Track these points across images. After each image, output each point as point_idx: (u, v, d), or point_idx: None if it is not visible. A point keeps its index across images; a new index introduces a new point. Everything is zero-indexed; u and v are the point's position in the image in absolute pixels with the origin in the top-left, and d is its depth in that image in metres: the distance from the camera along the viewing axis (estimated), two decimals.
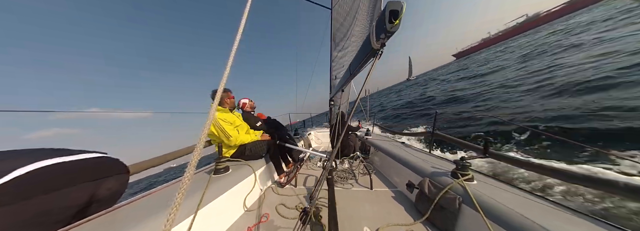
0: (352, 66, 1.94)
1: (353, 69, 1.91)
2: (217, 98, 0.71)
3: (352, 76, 2.09)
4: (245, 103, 3.14)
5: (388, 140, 3.58)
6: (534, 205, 1.19)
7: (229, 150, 2.37)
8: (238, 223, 1.80)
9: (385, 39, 1.06)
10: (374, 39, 1.11)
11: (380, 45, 1.11)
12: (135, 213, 1.25)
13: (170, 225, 0.54)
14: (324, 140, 5.74)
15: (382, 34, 1.02)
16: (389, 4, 0.92)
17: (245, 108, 3.13)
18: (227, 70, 0.75)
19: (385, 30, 0.97)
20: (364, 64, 1.53)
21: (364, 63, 1.51)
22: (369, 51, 1.25)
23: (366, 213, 1.82)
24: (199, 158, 0.62)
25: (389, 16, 0.92)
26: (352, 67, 1.94)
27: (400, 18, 0.91)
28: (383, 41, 1.08)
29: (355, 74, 2.00)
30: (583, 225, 1.02)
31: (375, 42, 1.11)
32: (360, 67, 1.61)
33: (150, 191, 1.60)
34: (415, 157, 2.30)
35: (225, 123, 2.23)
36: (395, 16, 0.91)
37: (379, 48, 1.13)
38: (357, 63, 1.68)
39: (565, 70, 9.15)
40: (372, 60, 1.25)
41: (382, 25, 0.99)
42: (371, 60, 1.31)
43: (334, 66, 5.80)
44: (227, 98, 2.45)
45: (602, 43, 12.37)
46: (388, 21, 0.93)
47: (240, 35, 0.83)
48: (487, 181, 1.57)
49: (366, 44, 1.31)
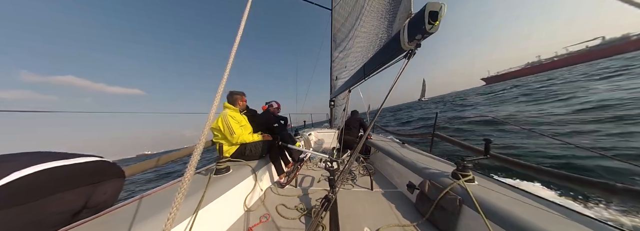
0: (368, 66, 1.90)
1: (368, 70, 1.87)
2: (218, 96, 0.72)
3: (366, 76, 2.05)
4: (278, 106, 3.37)
5: (388, 141, 3.58)
6: (534, 206, 1.19)
7: (229, 149, 2.38)
8: (238, 223, 1.80)
9: (421, 39, 1.04)
10: (405, 39, 1.09)
11: (415, 46, 1.10)
12: (135, 213, 1.26)
13: (170, 225, 0.54)
14: (324, 140, 5.74)
15: (419, 34, 1.00)
16: (429, 5, 0.91)
17: (272, 110, 3.31)
18: (228, 70, 0.76)
19: (423, 31, 0.96)
20: (384, 65, 1.51)
21: (384, 64, 1.49)
22: (395, 51, 1.23)
23: (366, 214, 1.82)
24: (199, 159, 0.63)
25: (428, 17, 0.91)
26: (368, 67, 1.90)
27: (440, 19, 0.91)
28: (418, 42, 1.06)
29: (369, 75, 1.96)
30: (583, 226, 1.01)
31: (407, 42, 1.09)
32: (380, 67, 1.58)
33: (150, 192, 1.61)
34: (416, 158, 2.30)
35: (233, 121, 2.30)
36: (434, 17, 0.91)
37: (413, 48, 1.11)
38: (375, 64, 1.64)
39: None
40: (402, 61, 1.22)
41: (419, 25, 0.97)
42: (395, 60, 1.29)
43: (335, 66, 5.81)
44: (241, 100, 2.58)
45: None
46: (427, 22, 0.92)
47: (240, 37, 0.83)
48: (488, 182, 1.57)
49: (392, 44, 1.28)
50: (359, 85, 2.59)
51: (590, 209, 2.57)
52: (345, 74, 4.71)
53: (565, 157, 4.21)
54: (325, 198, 0.94)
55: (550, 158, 4.25)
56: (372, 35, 2.79)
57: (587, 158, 3.85)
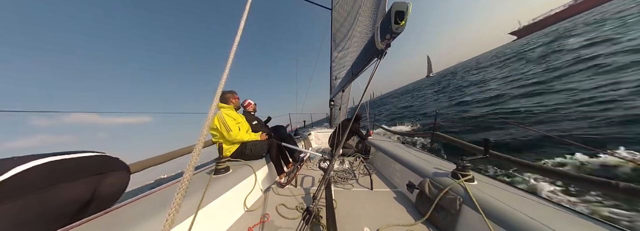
0: (355, 67, 1.93)
1: (355, 70, 1.91)
2: (218, 95, 0.72)
3: (354, 76, 2.08)
4: (250, 104, 3.27)
5: (388, 141, 3.58)
6: (534, 206, 1.19)
7: (229, 148, 2.39)
8: (238, 223, 1.80)
9: (390, 40, 1.06)
10: (378, 39, 1.12)
11: (385, 46, 1.12)
12: (135, 213, 1.26)
13: (170, 225, 0.54)
14: (324, 140, 5.74)
15: (388, 34, 1.02)
16: (395, 5, 0.92)
17: (248, 109, 3.25)
18: (227, 70, 0.76)
19: (391, 31, 0.98)
20: (367, 64, 1.53)
21: (367, 64, 1.51)
22: (373, 51, 1.25)
23: (366, 214, 1.82)
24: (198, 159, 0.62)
25: (395, 17, 0.92)
26: (355, 67, 1.93)
27: (406, 19, 0.92)
28: (388, 41, 1.08)
29: (357, 74, 1.99)
30: (583, 226, 1.01)
31: (379, 42, 1.12)
32: (364, 67, 1.61)
33: (151, 192, 1.61)
34: (416, 157, 2.30)
35: (229, 118, 2.32)
36: (401, 17, 0.92)
37: (383, 48, 1.14)
38: (360, 64, 1.67)
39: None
40: (376, 61, 1.25)
41: (387, 25, 0.99)
42: (375, 60, 1.31)
43: (334, 66, 5.81)
44: (233, 98, 2.59)
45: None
46: (394, 22, 0.93)
47: (240, 37, 0.83)
48: (488, 181, 1.57)
49: (370, 44, 1.31)
50: (348, 85, 2.61)
51: (591, 209, 2.57)
52: (343, 74, 4.71)
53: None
54: (307, 210, 0.94)
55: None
56: (365, 35, 2.80)
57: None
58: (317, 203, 0.97)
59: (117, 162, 1.41)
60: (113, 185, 1.32)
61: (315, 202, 0.95)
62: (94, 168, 1.25)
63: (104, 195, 1.26)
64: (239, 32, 0.85)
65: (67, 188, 1.08)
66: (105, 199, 1.29)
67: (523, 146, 4.72)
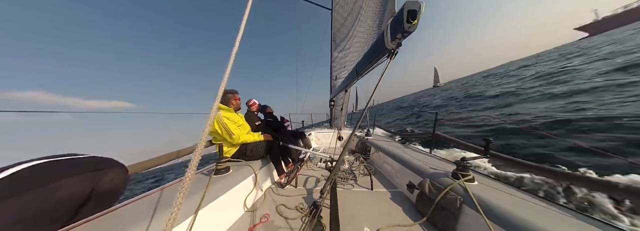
0: (359, 66, 1.92)
1: (360, 69, 1.89)
2: (219, 97, 0.72)
3: (358, 76, 2.06)
4: (255, 103, 3.28)
5: (388, 141, 3.58)
6: (534, 206, 1.19)
7: (230, 149, 2.38)
8: (238, 223, 1.80)
9: (401, 39, 1.06)
10: (388, 38, 1.11)
11: (396, 45, 1.11)
12: (136, 213, 1.26)
13: (171, 225, 0.54)
14: (324, 140, 5.74)
15: (399, 33, 1.02)
16: (407, 4, 0.92)
17: (252, 108, 3.26)
18: (228, 70, 0.76)
19: (403, 30, 0.97)
20: (373, 64, 1.52)
21: (374, 64, 1.50)
22: (382, 51, 1.24)
23: (366, 214, 1.82)
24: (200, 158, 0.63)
25: (407, 16, 0.92)
26: (359, 67, 1.91)
27: (418, 18, 0.91)
28: (399, 41, 1.08)
29: (362, 74, 1.97)
30: (583, 226, 1.01)
31: (390, 41, 1.11)
32: (369, 67, 1.59)
33: (151, 192, 1.61)
34: (416, 158, 2.30)
35: (229, 122, 2.27)
36: (412, 16, 0.92)
37: (394, 48, 1.13)
38: (365, 64, 1.66)
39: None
40: (385, 61, 1.24)
41: (399, 24, 0.99)
42: (382, 60, 1.30)
43: (335, 66, 5.81)
44: (234, 99, 2.53)
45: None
46: (406, 21, 0.93)
47: (241, 37, 0.83)
48: (488, 181, 1.57)
49: (378, 43, 1.30)
50: (353, 84, 2.60)
51: (591, 208, 2.57)
52: (344, 74, 4.71)
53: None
54: (314, 204, 0.95)
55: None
56: (367, 35, 2.80)
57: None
58: (324, 197, 0.97)
59: (113, 161, 1.42)
60: (113, 179, 1.33)
61: (323, 197, 0.95)
62: (94, 164, 1.27)
63: (104, 191, 1.26)
64: (240, 33, 0.85)
65: (66, 184, 1.08)
66: (106, 195, 1.29)
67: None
